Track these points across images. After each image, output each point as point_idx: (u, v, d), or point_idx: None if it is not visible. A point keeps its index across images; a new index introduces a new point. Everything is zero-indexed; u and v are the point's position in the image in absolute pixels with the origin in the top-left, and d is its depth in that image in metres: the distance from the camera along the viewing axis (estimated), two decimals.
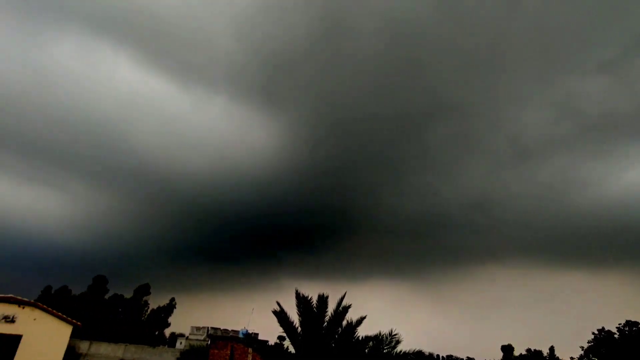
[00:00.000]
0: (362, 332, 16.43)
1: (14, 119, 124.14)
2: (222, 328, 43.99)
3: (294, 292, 17.39)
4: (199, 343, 42.68)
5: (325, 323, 16.72)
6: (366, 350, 15.87)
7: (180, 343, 51.68)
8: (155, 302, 75.63)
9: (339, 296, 17.20)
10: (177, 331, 68.14)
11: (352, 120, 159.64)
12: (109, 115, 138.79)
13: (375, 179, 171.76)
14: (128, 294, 65.75)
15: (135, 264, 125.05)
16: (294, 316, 17.62)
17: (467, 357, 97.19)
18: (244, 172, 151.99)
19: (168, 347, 55.78)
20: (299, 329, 17.75)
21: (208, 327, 49.82)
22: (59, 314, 33.57)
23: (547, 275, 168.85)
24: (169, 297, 69.66)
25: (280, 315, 17.79)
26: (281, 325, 17.84)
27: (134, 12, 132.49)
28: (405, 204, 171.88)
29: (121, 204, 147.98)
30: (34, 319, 32.02)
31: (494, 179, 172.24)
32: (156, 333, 65.84)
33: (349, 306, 16.38)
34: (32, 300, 32.83)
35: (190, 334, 52.99)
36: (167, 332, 69.12)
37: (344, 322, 16.27)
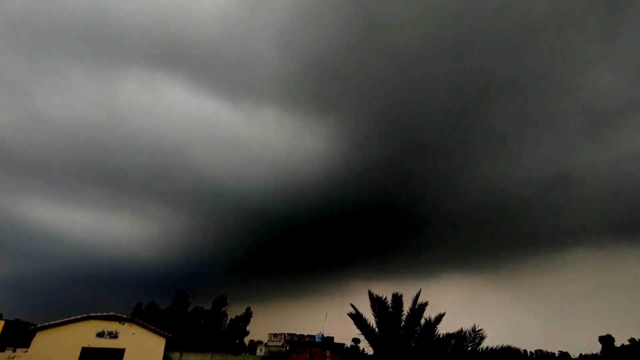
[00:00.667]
0: (441, 329, 16.12)
1: (97, 156, 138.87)
2: (297, 334, 45.19)
3: (363, 294, 17.57)
4: (277, 349, 44.24)
5: (403, 322, 16.65)
6: (449, 349, 15.53)
7: (260, 350, 53.91)
8: (233, 312, 79.61)
9: (412, 294, 17.06)
10: (256, 339, 71.22)
11: (404, 113, 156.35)
12: (174, 140, 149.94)
13: (436, 170, 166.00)
14: (207, 306, 70.12)
15: (212, 277, 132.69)
16: (369, 317, 17.77)
17: (560, 351, 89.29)
18: (301, 178, 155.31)
19: (249, 354, 58.47)
20: (376, 329, 17.84)
21: (284, 334, 51.44)
22: (153, 327, 36.80)
23: None
24: (245, 307, 73.04)
25: (356, 318, 18.02)
26: (358, 327, 18.05)
27: (182, 43, 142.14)
28: (473, 192, 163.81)
29: (194, 222, 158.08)
30: (133, 334, 35.44)
31: (568, 154, 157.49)
32: (237, 341, 69.30)
33: (426, 304, 16.17)
34: (129, 317, 36.37)
35: (268, 341, 55.06)
36: (246, 340, 72.51)
37: (422, 321, 16.09)
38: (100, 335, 34.50)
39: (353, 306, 17.67)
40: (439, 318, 15.85)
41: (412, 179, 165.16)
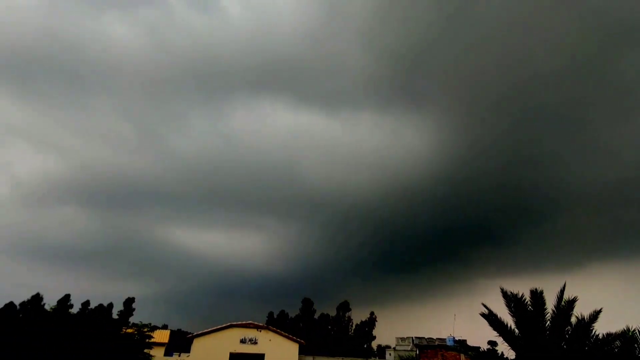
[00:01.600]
0: (598, 329, 13.83)
1: (219, 180, 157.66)
2: (426, 337, 43.70)
3: (492, 292, 16.15)
4: (406, 353, 43.33)
5: (548, 322, 14.77)
6: (615, 351, 13.19)
7: (390, 354, 53.51)
8: (356, 316, 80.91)
9: (551, 289, 15.08)
10: (382, 343, 70.98)
11: (507, 92, 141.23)
12: (281, 156, 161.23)
13: (558, 146, 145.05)
14: (332, 312, 72.64)
15: (334, 283, 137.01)
16: (504, 318, 16.24)
17: None
18: (406, 176, 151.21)
19: (378, 358, 58.47)
20: (515, 330, 16.20)
21: (412, 337, 50.23)
22: (286, 334, 39.63)
23: None
24: (368, 311, 73.81)
25: (490, 318, 16.63)
26: (494, 329, 16.62)
27: (276, 65, 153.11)
28: (607, 166, 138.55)
29: (311, 232, 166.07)
30: (269, 340, 38.70)
31: None
32: (364, 346, 70.10)
33: (575, 299, 14.08)
34: (264, 325, 39.83)
35: (396, 345, 54.40)
36: (374, 344, 72.79)
37: (573, 319, 14.04)
38: (243, 341, 38.49)
39: (485, 306, 16.36)
40: (595, 315, 13.62)
41: (532, 163, 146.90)
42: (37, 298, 59.17)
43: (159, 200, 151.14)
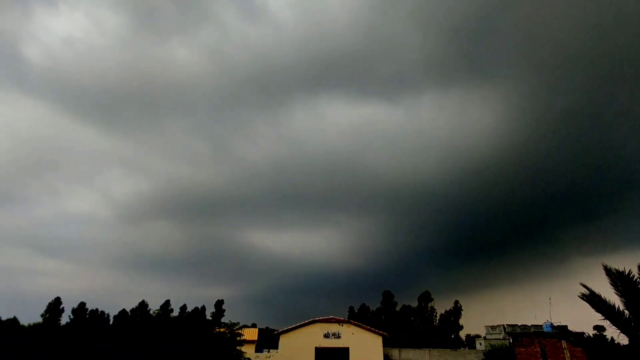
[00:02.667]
0: None
1: (286, 183, 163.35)
2: (519, 324, 40.69)
3: (587, 271, 14.31)
4: (498, 342, 40.75)
5: None
6: None
7: (480, 344, 50.83)
8: (440, 306, 78.16)
9: None
10: (471, 332, 67.66)
11: (580, 60, 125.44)
12: (344, 151, 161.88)
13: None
14: (413, 303, 71.03)
15: (413, 274, 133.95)
16: (610, 298, 14.38)
17: None
18: (478, 155, 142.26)
19: (468, 348, 55.83)
20: (625, 312, 14.29)
21: (504, 325, 47.13)
22: (368, 327, 39.54)
23: None
24: (452, 300, 70.85)
25: (593, 300, 14.85)
26: (598, 311, 14.81)
27: (331, 60, 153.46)
28: None
29: (384, 223, 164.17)
30: (352, 333, 38.94)
31: None
32: (452, 336, 67.45)
33: None
34: (346, 319, 40.18)
35: (486, 334, 51.49)
36: (462, 334, 69.71)
37: None
38: (326, 336, 39.22)
39: (585, 286, 14.66)
40: None
41: (628, 112, 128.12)
42: (143, 305, 66.25)
43: (236, 207, 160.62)
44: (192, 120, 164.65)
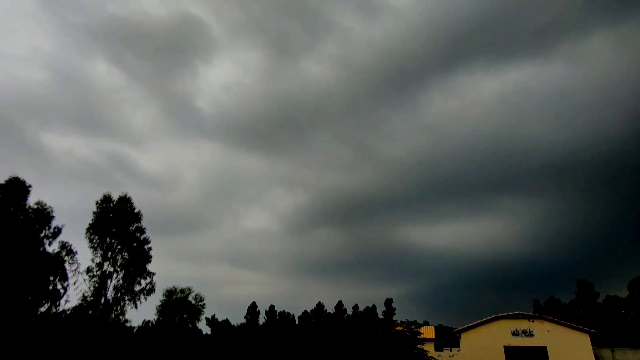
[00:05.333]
0: None
1: (432, 177, 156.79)
2: None
3: None
4: None
5: None
6: None
7: None
8: None
9: None
10: None
11: None
12: (493, 127, 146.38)
13: None
14: (622, 293, 58.12)
15: (613, 259, 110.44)
16: None
17: None
18: None
19: None
20: None
21: None
22: (568, 323, 34.02)
23: None
24: None
25: None
26: None
27: (461, 32, 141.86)
28: None
29: (558, 203, 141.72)
30: (548, 331, 34.04)
31: None
32: None
33: None
34: (536, 314, 35.49)
35: None
36: None
37: None
38: (515, 333, 35.32)
39: None
40: None
41: None
42: (320, 306, 72.43)
43: (388, 206, 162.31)
44: (332, 129, 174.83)
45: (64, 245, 34.68)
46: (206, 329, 64.51)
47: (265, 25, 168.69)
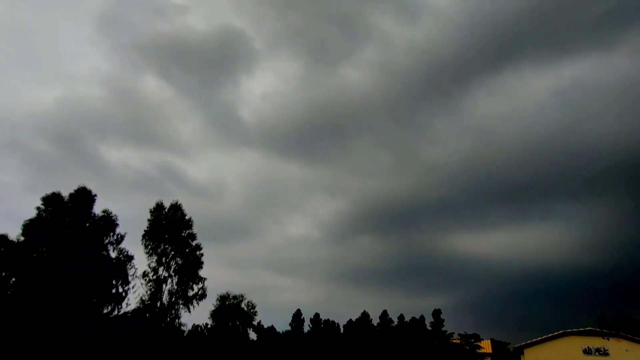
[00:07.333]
0: None
1: (480, 175, 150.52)
2: None
3: None
4: None
5: None
6: None
7: None
8: None
9: None
10: None
11: None
12: (550, 126, 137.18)
13: None
14: None
15: None
16: None
17: None
18: None
19: None
20: None
21: None
22: None
23: None
24: None
25: None
26: None
27: (511, 27, 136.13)
28: None
29: (623, 208, 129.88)
30: (626, 350, 30.89)
31: None
32: None
33: None
34: (612, 331, 32.41)
35: None
36: None
37: None
38: (587, 352, 32.40)
39: None
40: None
41: None
42: (365, 315, 71.03)
43: (431, 212, 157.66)
44: (372, 134, 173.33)
45: (121, 251, 36.25)
46: (253, 336, 65.23)
47: (303, 33, 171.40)
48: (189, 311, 40.55)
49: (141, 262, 46.64)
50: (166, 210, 43.63)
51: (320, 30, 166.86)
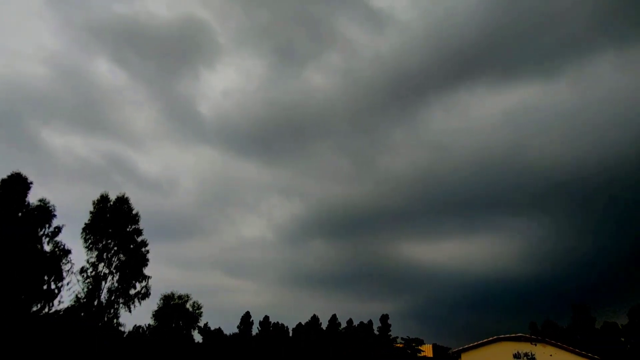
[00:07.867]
0: None
1: (431, 189, 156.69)
2: None
3: None
4: None
5: None
6: None
7: None
8: None
9: None
10: None
11: None
12: (500, 145, 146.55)
13: None
14: (621, 320, 57.51)
15: (615, 284, 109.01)
16: None
17: None
18: None
19: None
20: None
21: None
22: (571, 348, 33.40)
23: None
24: None
25: None
26: None
27: (466, 48, 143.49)
28: None
29: (562, 224, 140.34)
30: (551, 355, 33.39)
31: None
32: None
33: None
34: (539, 337, 34.86)
35: None
36: None
37: None
38: (517, 357, 34.62)
39: None
40: None
41: None
42: (315, 318, 71.19)
43: (385, 221, 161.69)
44: (333, 140, 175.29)
45: (57, 244, 33.77)
46: (198, 337, 63.21)
47: (269, 32, 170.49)
48: (130, 311, 38.65)
49: (80, 257, 43.88)
50: (111, 203, 41.40)
51: (287, 31, 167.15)
